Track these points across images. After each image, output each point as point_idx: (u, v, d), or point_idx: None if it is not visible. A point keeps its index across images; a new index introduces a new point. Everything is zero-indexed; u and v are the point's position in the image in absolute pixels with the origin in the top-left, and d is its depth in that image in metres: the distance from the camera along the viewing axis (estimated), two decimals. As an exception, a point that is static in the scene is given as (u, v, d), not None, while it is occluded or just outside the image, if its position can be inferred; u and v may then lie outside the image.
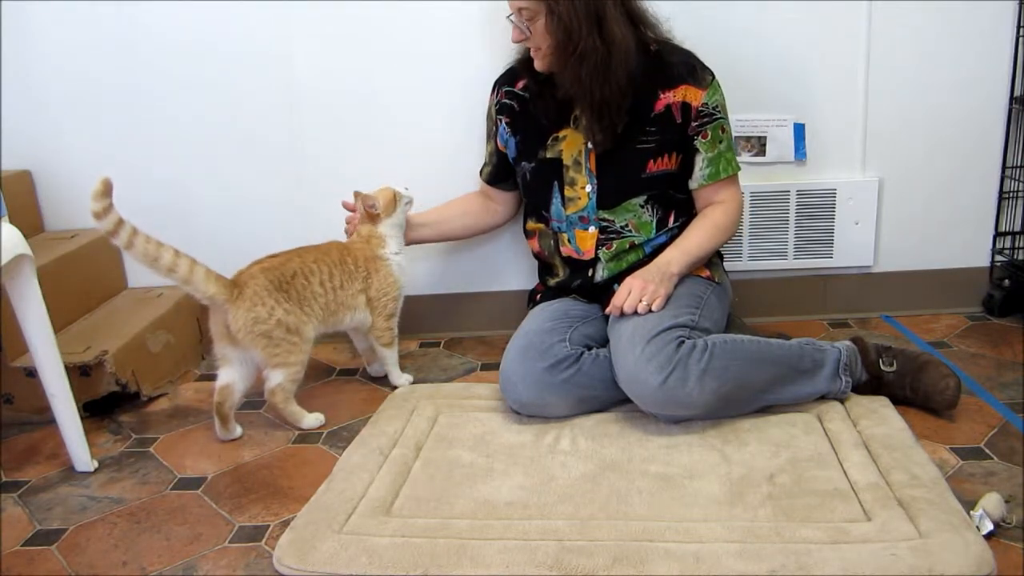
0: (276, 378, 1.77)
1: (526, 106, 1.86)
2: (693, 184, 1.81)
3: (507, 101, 1.89)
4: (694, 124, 1.75)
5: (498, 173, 1.99)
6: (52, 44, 2.14)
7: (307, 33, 2.10)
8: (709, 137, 1.77)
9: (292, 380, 1.79)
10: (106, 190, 1.56)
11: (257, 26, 2.10)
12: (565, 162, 1.82)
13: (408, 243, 1.99)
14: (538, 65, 1.75)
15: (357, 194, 1.91)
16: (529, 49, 1.77)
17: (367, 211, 1.89)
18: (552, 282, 1.94)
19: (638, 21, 1.72)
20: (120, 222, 1.60)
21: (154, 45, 2.12)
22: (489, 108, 1.96)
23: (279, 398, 1.78)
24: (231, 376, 1.78)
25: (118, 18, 2.11)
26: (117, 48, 2.13)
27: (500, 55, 1.91)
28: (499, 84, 1.92)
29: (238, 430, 1.80)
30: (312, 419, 1.82)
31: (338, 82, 2.13)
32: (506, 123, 1.89)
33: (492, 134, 1.96)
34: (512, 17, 1.71)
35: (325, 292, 1.83)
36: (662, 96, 1.74)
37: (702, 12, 2.00)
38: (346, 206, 1.95)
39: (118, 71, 2.14)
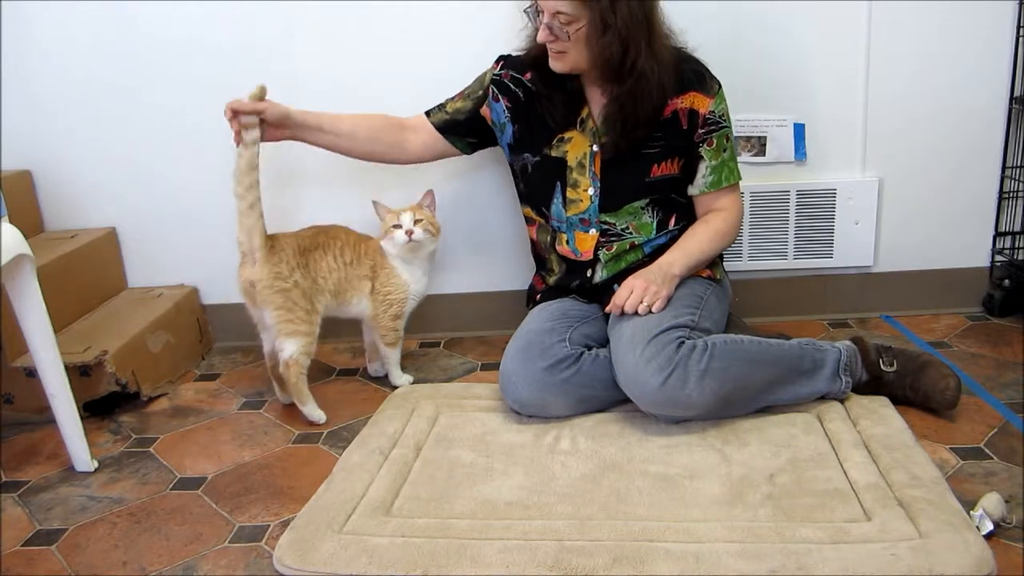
0: (290, 348, 1.80)
1: (532, 99, 1.82)
2: (694, 190, 1.81)
3: (511, 85, 1.84)
4: (700, 131, 1.75)
5: (455, 127, 1.90)
6: (52, 44, 2.13)
7: (308, 32, 2.10)
8: (714, 145, 1.76)
9: (305, 353, 1.82)
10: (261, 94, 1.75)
11: (258, 25, 2.10)
12: (569, 164, 1.82)
13: (289, 140, 1.86)
14: (557, 66, 1.70)
15: (376, 204, 1.93)
16: (536, 47, 1.73)
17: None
18: (549, 279, 1.94)
19: (669, 33, 1.71)
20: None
21: (154, 45, 2.12)
22: (485, 73, 1.89)
23: (293, 372, 1.80)
24: (271, 340, 1.86)
25: (118, 18, 2.11)
26: (117, 48, 2.13)
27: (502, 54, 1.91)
28: (505, 63, 1.86)
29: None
30: (315, 410, 1.83)
31: (339, 81, 2.13)
32: (507, 106, 1.86)
33: (475, 96, 1.88)
34: (542, 17, 1.64)
35: (338, 268, 1.89)
36: (670, 102, 1.73)
37: (701, 12, 2.00)
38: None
39: (118, 71, 2.15)
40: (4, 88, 2.16)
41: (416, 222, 1.87)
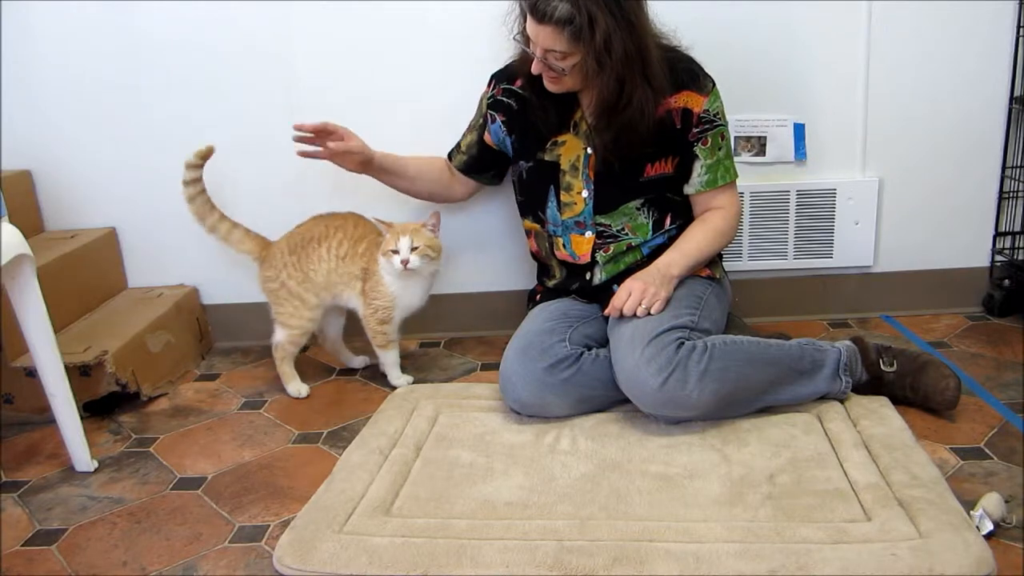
0: (279, 335, 1.96)
1: (524, 106, 1.83)
2: (689, 190, 1.81)
3: (504, 99, 1.86)
4: (695, 130, 1.74)
5: (474, 164, 1.96)
6: (52, 44, 2.13)
7: (307, 32, 2.10)
8: (709, 144, 1.75)
9: (292, 343, 1.96)
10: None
11: (257, 25, 2.09)
12: (562, 167, 1.81)
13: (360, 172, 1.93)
14: (553, 88, 1.71)
15: (378, 221, 1.90)
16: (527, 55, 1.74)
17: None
18: (550, 283, 1.94)
19: (659, 40, 1.70)
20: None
21: (154, 45, 2.12)
22: (481, 99, 1.92)
23: (278, 355, 1.97)
24: (321, 326, 2.04)
25: (118, 18, 2.11)
26: (117, 48, 2.13)
27: (502, 55, 1.90)
28: (496, 79, 1.89)
29: (355, 360, 2.10)
30: (295, 388, 1.96)
31: (338, 81, 2.13)
32: (502, 121, 1.87)
33: (477, 126, 1.93)
34: (534, 49, 1.64)
35: (329, 259, 1.91)
36: (663, 102, 1.72)
37: (702, 12, 2.00)
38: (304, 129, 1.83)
39: (118, 71, 2.15)
40: (4, 88, 2.17)
41: (413, 249, 1.81)
